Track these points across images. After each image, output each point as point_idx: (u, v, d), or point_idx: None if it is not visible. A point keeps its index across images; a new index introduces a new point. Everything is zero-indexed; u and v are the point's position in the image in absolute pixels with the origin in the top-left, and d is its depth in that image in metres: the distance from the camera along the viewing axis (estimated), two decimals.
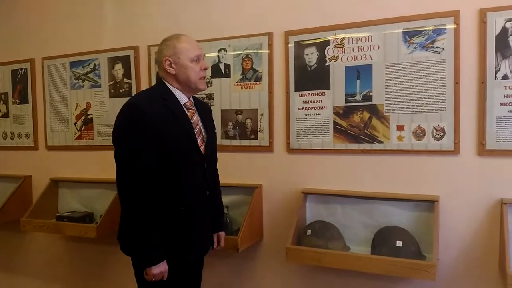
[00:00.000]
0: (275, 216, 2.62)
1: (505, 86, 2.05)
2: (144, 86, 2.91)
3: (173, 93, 1.95)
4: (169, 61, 1.92)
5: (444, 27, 2.15)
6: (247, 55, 2.62)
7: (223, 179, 2.31)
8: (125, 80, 3.00)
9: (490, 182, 2.13)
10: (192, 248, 1.96)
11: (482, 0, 2.09)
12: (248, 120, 2.64)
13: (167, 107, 1.90)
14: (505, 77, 2.05)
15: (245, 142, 2.66)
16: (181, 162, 1.89)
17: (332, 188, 2.45)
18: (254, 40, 2.59)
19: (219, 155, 2.21)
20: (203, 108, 2.12)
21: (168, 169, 1.87)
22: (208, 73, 2.70)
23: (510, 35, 2.03)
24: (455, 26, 2.12)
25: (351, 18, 2.35)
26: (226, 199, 2.47)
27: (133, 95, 2.87)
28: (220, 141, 2.65)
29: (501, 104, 2.07)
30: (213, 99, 2.72)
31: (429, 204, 2.21)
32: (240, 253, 2.43)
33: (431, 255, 2.06)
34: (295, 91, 2.51)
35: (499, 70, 2.06)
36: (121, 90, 3.02)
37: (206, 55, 2.68)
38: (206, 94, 2.72)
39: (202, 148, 1.97)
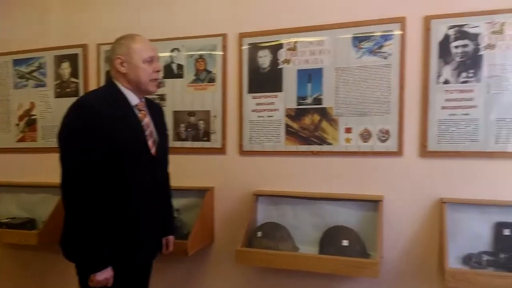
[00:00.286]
0: (226, 219, 2.60)
1: (446, 91, 2.17)
2: (93, 86, 2.81)
3: (124, 94, 1.89)
4: (121, 59, 1.86)
5: (391, 33, 2.24)
6: (200, 56, 2.60)
7: (175, 182, 2.24)
8: (72, 79, 2.88)
9: (431, 182, 2.23)
10: (139, 253, 1.89)
11: (427, 8, 2.20)
12: (201, 122, 2.62)
13: (117, 107, 1.84)
14: (446, 82, 2.17)
15: (197, 144, 2.63)
16: (130, 164, 1.83)
17: (283, 190, 2.47)
18: (208, 41, 2.58)
19: (171, 157, 2.16)
20: (155, 109, 2.06)
21: (116, 172, 1.80)
22: (160, 73, 2.64)
23: (452, 41, 2.15)
24: (402, 32, 2.22)
25: (304, 22, 2.40)
26: (177, 202, 2.42)
27: (80, 95, 2.76)
28: (172, 143, 2.59)
29: (443, 107, 2.18)
30: (165, 100, 2.67)
31: (374, 204, 2.28)
32: (190, 257, 2.38)
33: (376, 253, 2.12)
34: (248, 93, 2.52)
35: (441, 75, 2.17)
36: (67, 90, 2.90)
37: (158, 54, 2.65)
38: (158, 95, 2.66)
39: (153, 150, 1.91)
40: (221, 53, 2.55)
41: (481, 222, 2.13)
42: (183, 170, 2.59)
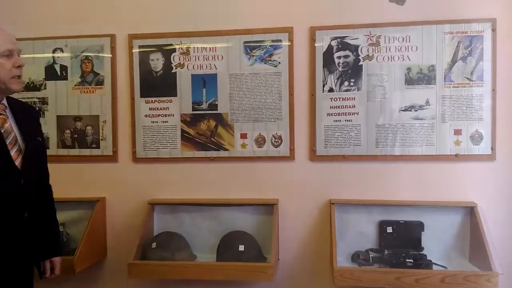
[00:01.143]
0: (120, 231, 2.45)
1: (331, 98, 2.29)
2: None
3: None
4: None
5: (280, 42, 2.31)
6: (86, 57, 2.41)
7: (60, 194, 2.01)
8: None
9: (321, 184, 2.34)
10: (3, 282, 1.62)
11: (312, 19, 2.30)
12: (89, 128, 2.43)
13: None
14: (331, 90, 2.29)
15: (85, 152, 2.44)
16: None
17: (181, 197, 2.41)
18: (94, 41, 2.40)
19: (55, 166, 1.96)
20: (27, 114, 1.79)
21: None
22: (41, 75, 2.42)
23: (335, 52, 2.28)
24: (289, 43, 2.30)
25: (196, 27, 2.36)
26: (64, 215, 2.25)
27: None
28: (55, 150, 2.39)
29: (328, 114, 2.30)
30: (47, 104, 2.43)
31: (270, 207, 2.32)
32: (79, 274, 2.20)
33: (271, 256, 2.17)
34: (141, 97, 2.40)
35: (326, 84, 2.29)
36: None
37: (38, 55, 2.41)
38: (38, 98, 2.42)
39: (18, 162, 1.65)
40: (110, 55, 2.40)
41: (367, 221, 2.28)
42: (70, 180, 2.40)
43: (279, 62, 2.31)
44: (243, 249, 2.17)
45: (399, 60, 2.22)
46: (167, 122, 2.40)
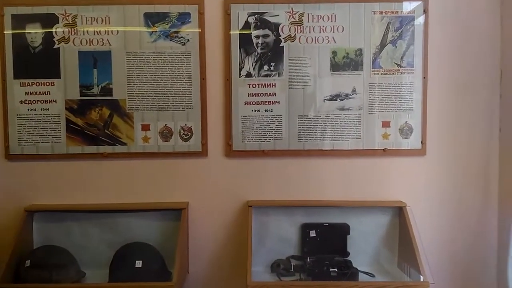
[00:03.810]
0: None
1: (249, 84, 1.99)
2: None
3: None
4: None
5: (188, 16, 1.95)
6: None
7: None
8: None
9: (237, 184, 2.05)
10: None
11: None
12: None
13: None
14: (248, 74, 1.99)
15: None
16: None
17: (67, 202, 2.00)
18: None
19: None
20: None
21: None
22: None
23: (252, 30, 1.97)
24: (200, 16, 1.96)
25: None
26: None
27: None
28: None
29: (246, 103, 2.00)
30: None
31: (177, 212, 1.98)
32: None
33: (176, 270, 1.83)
34: (14, 78, 1.95)
35: (243, 67, 1.99)
36: None
37: None
38: None
39: None
40: None
41: (289, 224, 2.05)
42: None
43: (188, 40, 1.96)
44: (140, 265, 1.80)
45: (324, 42, 1.97)
46: (48, 109, 1.96)
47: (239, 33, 1.97)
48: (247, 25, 1.97)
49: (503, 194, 2.03)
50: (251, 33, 1.97)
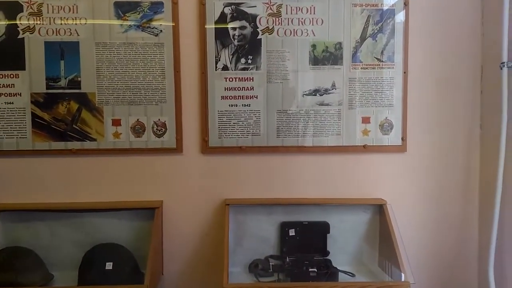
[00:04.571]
0: None
1: (226, 78, 1.91)
2: None
3: None
4: None
5: (161, 5, 1.86)
6: None
7: None
8: None
9: (214, 182, 1.97)
10: None
11: None
12: None
13: None
14: (225, 68, 1.91)
15: None
16: None
17: (33, 201, 1.89)
18: None
19: None
20: None
21: None
22: None
23: (229, 22, 1.89)
24: (174, 5, 1.86)
25: None
26: None
27: None
28: None
29: (223, 97, 1.92)
30: None
31: (150, 211, 1.88)
32: None
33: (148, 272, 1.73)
34: None
35: (219, 60, 1.90)
36: None
37: None
38: None
39: None
40: None
41: (267, 223, 1.97)
42: None
43: (161, 31, 1.86)
44: (111, 267, 1.72)
45: (303, 35, 1.90)
46: (12, 103, 1.84)
47: (215, 24, 1.88)
48: (223, 15, 1.88)
49: (484, 191, 2.00)
50: (227, 24, 1.88)
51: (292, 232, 1.96)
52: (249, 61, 1.90)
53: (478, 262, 2.04)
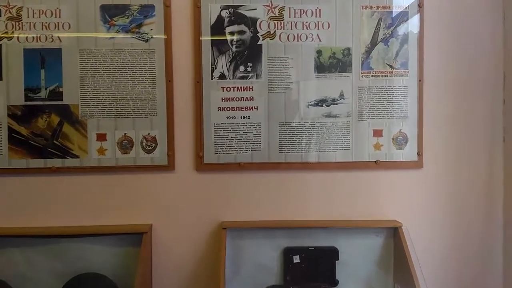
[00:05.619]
0: None
1: (223, 88, 1.77)
2: None
3: None
4: None
5: (152, 9, 1.73)
6: None
7: None
8: None
9: (209, 202, 1.81)
10: None
11: None
12: None
13: None
14: (222, 76, 1.76)
15: None
16: None
17: (8, 225, 1.73)
18: None
19: None
20: None
21: None
22: None
23: (226, 26, 1.76)
24: (166, 9, 1.73)
25: None
26: None
27: None
28: None
29: (219, 108, 1.77)
30: None
31: (138, 237, 1.71)
32: None
33: None
34: None
35: (215, 68, 1.76)
36: None
37: None
38: None
39: None
40: None
41: (269, 248, 1.83)
42: None
43: (152, 36, 1.73)
44: None
45: (308, 40, 1.77)
46: None
47: (211, 29, 1.74)
48: (220, 19, 1.74)
49: (509, 211, 1.84)
50: (224, 29, 1.75)
51: (296, 259, 1.83)
52: (249, 69, 1.77)
53: None
